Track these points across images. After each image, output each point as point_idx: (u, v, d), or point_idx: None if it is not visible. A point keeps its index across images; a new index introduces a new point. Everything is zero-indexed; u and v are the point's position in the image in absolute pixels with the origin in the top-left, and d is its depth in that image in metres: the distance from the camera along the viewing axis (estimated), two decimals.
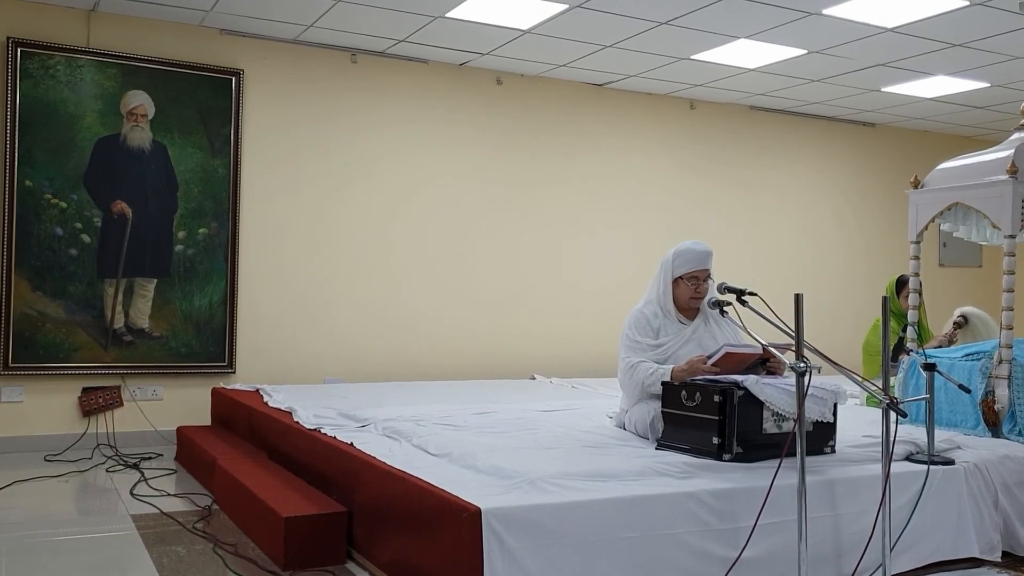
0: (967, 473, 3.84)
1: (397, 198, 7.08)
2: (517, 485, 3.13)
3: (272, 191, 6.65)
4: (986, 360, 4.51)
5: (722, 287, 3.90)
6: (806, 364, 3.01)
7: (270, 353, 6.61)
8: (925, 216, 4.93)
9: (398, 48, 6.83)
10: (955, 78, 7.37)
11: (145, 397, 6.27)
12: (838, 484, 3.51)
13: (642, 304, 4.21)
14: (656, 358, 4.03)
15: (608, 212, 7.90)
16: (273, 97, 6.66)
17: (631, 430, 4.14)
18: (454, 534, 2.92)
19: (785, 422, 3.55)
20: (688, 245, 4.14)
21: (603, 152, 7.90)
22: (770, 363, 3.88)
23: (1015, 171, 4.43)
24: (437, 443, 3.89)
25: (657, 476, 3.34)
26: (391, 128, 7.06)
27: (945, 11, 5.73)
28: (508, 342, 7.44)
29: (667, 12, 5.87)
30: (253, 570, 3.62)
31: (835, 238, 9.06)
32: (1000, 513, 3.90)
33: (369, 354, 6.93)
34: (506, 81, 7.47)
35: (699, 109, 8.32)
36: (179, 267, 6.32)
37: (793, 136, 8.84)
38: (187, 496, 4.83)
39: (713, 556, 3.17)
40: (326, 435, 4.37)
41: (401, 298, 7.07)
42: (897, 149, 9.36)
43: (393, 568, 3.40)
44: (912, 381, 4.76)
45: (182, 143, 6.32)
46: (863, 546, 3.35)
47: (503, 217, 7.47)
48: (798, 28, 6.12)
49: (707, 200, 8.35)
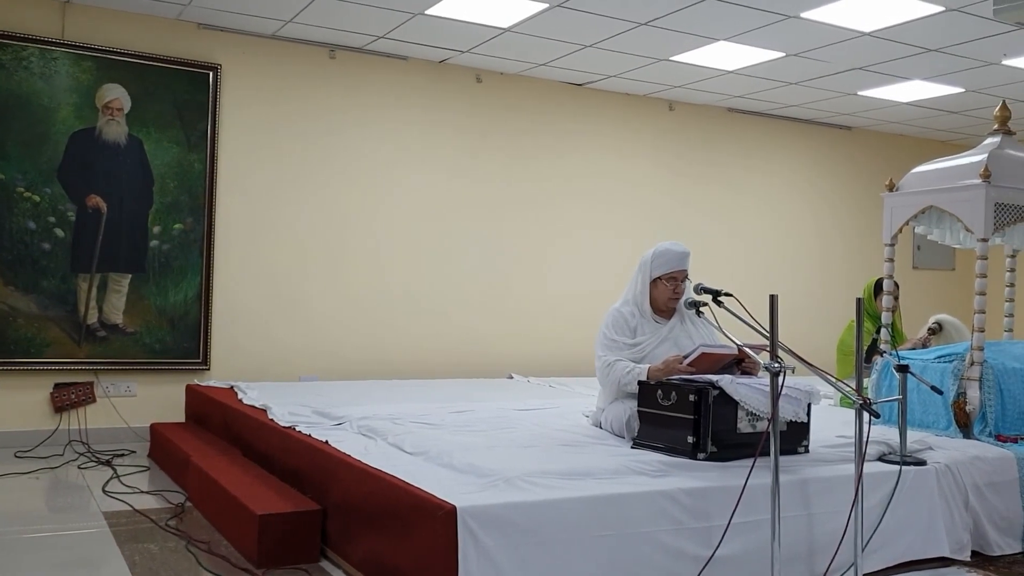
0: (938, 474, 3.88)
1: (375, 196, 7.06)
2: (493, 483, 3.13)
3: (249, 187, 6.61)
4: (958, 362, 4.56)
5: (698, 288, 3.92)
6: (780, 364, 3.03)
7: (245, 350, 6.57)
8: (900, 219, 4.97)
9: (377, 44, 6.81)
10: (930, 83, 7.44)
11: (118, 393, 6.21)
12: (811, 484, 3.53)
13: (619, 303, 4.22)
14: (633, 357, 4.04)
15: (586, 212, 7.91)
16: (251, 92, 6.62)
17: (607, 429, 4.16)
18: (429, 532, 2.92)
19: (759, 422, 3.58)
20: (667, 246, 4.16)
21: (582, 152, 7.91)
22: (745, 363, 3.90)
23: (988, 175, 4.48)
24: (413, 441, 3.88)
25: (632, 475, 3.35)
26: (370, 125, 7.03)
27: (921, 16, 5.78)
28: (486, 341, 7.43)
29: (647, 13, 5.89)
30: (226, 568, 3.59)
31: (811, 240, 9.13)
32: (970, 513, 3.95)
33: (345, 352, 6.91)
34: (486, 79, 7.46)
35: (678, 110, 8.35)
36: (154, 262, 6.26)
37: (771, 138, 8.89)
38: (160, 493, 4.79)
39: (687, 555, 3.19)
40: (301, 433, 4.35)
41: (378, 296, 7.05)
42: (873, 152, 9.45)
43: (367, 566, 3.39)
44: (885, 382, 4.80)
45: (158, 137, 6.26)
46: (835, 545, 3.37)
47: (482, 215, 7.46)
48: (777, 31, 6.16)
49: (685, 201, 8.38)
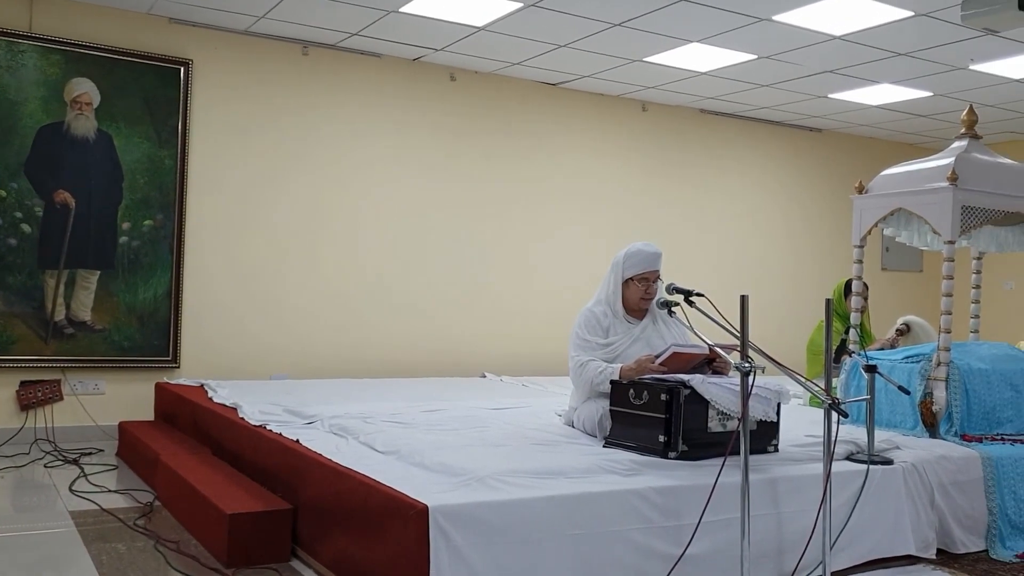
0: (905, 473, 3.93)
1: (348, 193, 7.03)
2: (465, 482, 3.13)
3: (220, 183, 6.55)
4: (925, 362, 4.62)
5: (670, 288, 3.94)
6: (751, 364, 3.06)
7: (215, 348, 6.51)
8: (869, 221, 5.02)
9: (350, 42, 6.78)
10: (899, 87, 7.54)
11: (86, 391, 6.14)
12: (780, 483, 3.57)
13: (592, 303, 4.24)
14: (605, 357, 4.06)
15: (559, 211, 7.93)
16: (222, 88, 6.56)
17: (580, 428, 4.17)
18: (401, 531, 2.91)
19: (730, 421, 3.60)
20: (639, 247, 4.17)
21: (556, 151, 7.92)
22: (716, 363, 3.93)
23: (955, 178, 4.54)
24: (385, 440, 3.87)
25: (604, 473, 3.36)
26: (343, 122, 7.00)
27: (890, 21, 5.85)
28: (459, 340, 7.43)
29: (620, 14, 5.91)
30: (196, 567, 3.56)
31: (782, 240, 9.21)
32: (936, 512, 4.00)
33: (317, 350, 6.87)
34: (460, 78, 7.45)
35: (651, 111, 8.39)
36: (123, 259, 6.19)
37: (742, 140, 8.96)
38: (128, 492, 4.74)
39: (657, 553, 3.20)
40: (272, 432, 4.32)
41: (350, 295, 7.02)
42: (843, 155, 9.55)
43: (338, 566, 3.38)
44: (853, 382, 4.85)
45: (128, 133, 6.20)
46: (804, 544, 3.40)
47: (455, 214, 7.45)
48: (749, 33, 6.20)
49: (658, 201, 8.43)
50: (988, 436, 4.50)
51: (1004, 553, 4.07)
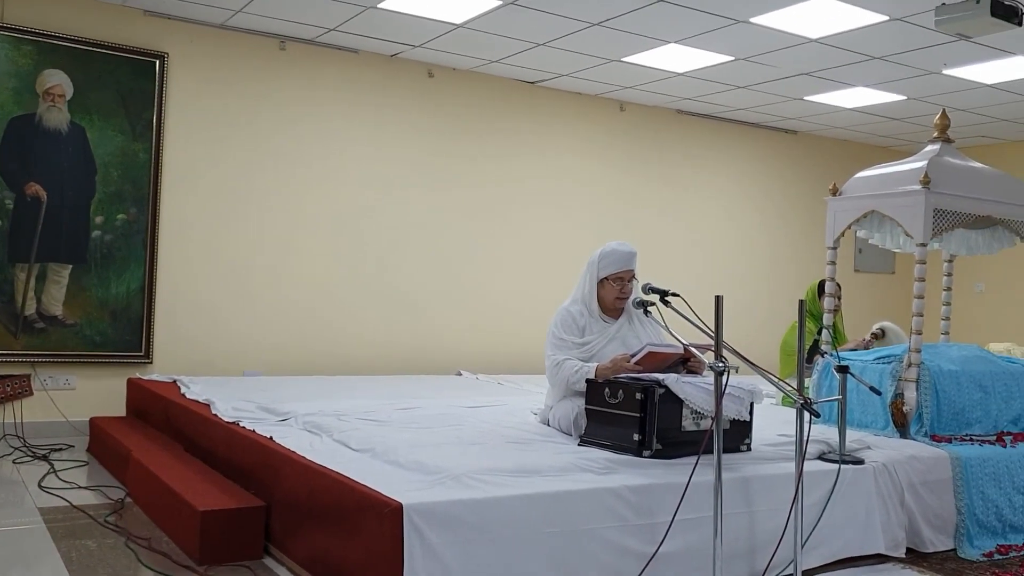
0: (876, 472, 3.97)
1: (324, 189, 6.99)
2: (440, 481, 3.13)
3: (195, 178, 6.50)
4: (896, 364, 4.67)
5: (646, 287, 3.95)
6: (724, 364, 3.08)
7: (189, 344, 6.46)
8: (842, 223, 5.07)
9: (328, 37, 6.74)
10: (874, 90, 7.61)
11: (57, 386, 6.06)
12: (753, 481, 3.59)
13: (568, 303, 4.25)
14: (581, 356, 4.07)
15: (536, 209, 7.93)
16: (198, 82, 6.51)
17: (555, 426, 4.18)
18: (375, 529, 2.91)
19: (703, 420, 3.63)
20: (613, 246, 4.19)
21: (533, 149, 7.93)
22: (691, 362, 3.95)
23: (928, 182, 4.59)
24: (359, 438, 3.86)
25: (579, 472, 3.37)
26: (319, 118, 6.97)
27: (866, 25, 5.91)
28: (434, 337, 7.42)
29: (599, 13, 5.93)
30: (167, 564, 3.54)
31: (757, 241, 9.28)
32: (905, 511, 4.05)
33: (291, 347, 6.84)
34: (438, 74, 7.44)
35: (628, 111, 8.42)
36: (96, 253, 6.13)
37: (719, 141, 9.01)
38: (99, 489, 4.69)
39: (631, 551, 3.22)
40: (245, 428, 4.30)
41: (325, 290, 6.99)
42: (818, 157, 9.63)
43: (312, 563, 3.37)
44: (826, 382, 4.90)
45: (102, 126, 6.13)
46: (776, 542, 3.43)
47: (431, 211, 7.44)
48: (726, 35, 6.24)
49: (635, 201, 8.46)
50: (957, 437, 4.56)
51: (972, 552, 4.12)
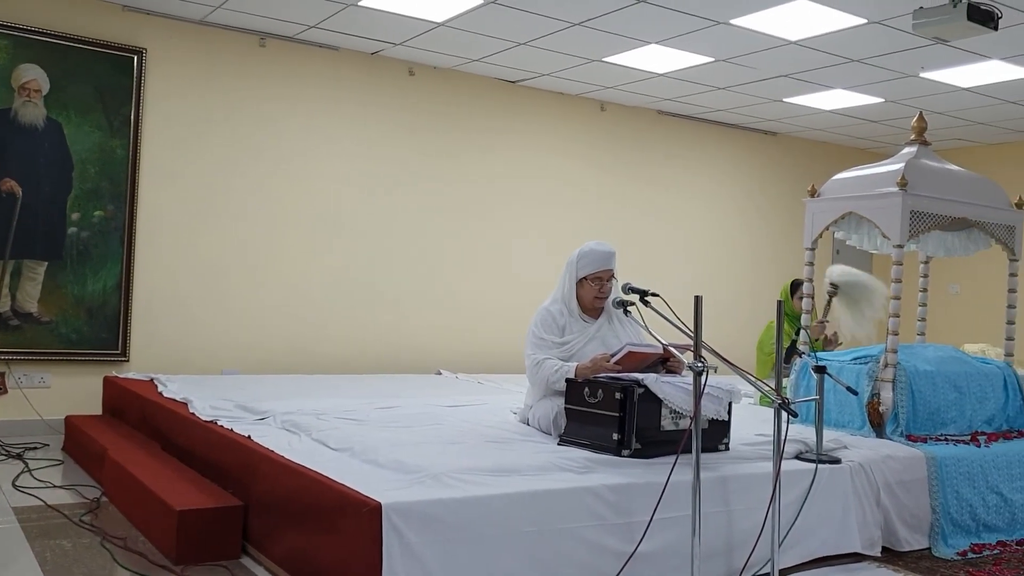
0: (852, 472, 4.00)
1: (304, 187, 6.96)
2: (419, 480, 3.12)
3: (173, 175, 6.45)
4: (873, 364, 4.71)
5: (626, 287, 3.96)
6: (703, 364, 3.09)
7: (166, 342, 6.41)
8: (820, 224, 5.11)
9: (308, 34, 6.71)
10: (852, 92, 7.67)
11: (31, 384, 6.00)
12: (731, 481, 3.61)
13: (548, 302, 4.25)
14: (561, 355, 4.08)
15: (517, 208, 7.94)
16: (177, 78, 6.46)
17: (535, 426, 4.18)
18: (353, 529, 2.90)
19: (682, 419, 3.64)
20: (592, 246, 4.20)
21: (514, 148, 7.93)
22: (670, 362, 3.97)
23: (905, 184, 4.63)
24: (338, 437, 3.84)
25: (558, 471, 3.38)
26: (299, 115, 6.94)
27: (845, 27, 5.95)
28: (414, 336, 7.40)
29: (580, 13, 5.94)
30: (143, 564, 3.51)
31: (737, 242, 9.33)
32: (881, 510, 4.08)
33: (269, 345, 6.80)
34: (419, 73, 7.42)
35: (609, 111, 8.44)
36: (72, 250, 6.07)
37: (699, 142, 9.05)
38: (74, 488, 4.65)
39: (609, 550, 3.22)
40: (223, 427, 4.28)
41: (304, 289, 6.96)
42: (797, 158, 9.69)
43: (290, 563, 3.35)
44: (803, 382, 4.93)
45: (79, 121, 6.07)
46: (753, 541, 3.45)
47: (412, 210, 7.42)
48: (707, 36, 6.27)
49: (615, 200, 8.48)
50: (932, 436, 4.60)
51: (946, 551, 4.16)
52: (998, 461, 4.52)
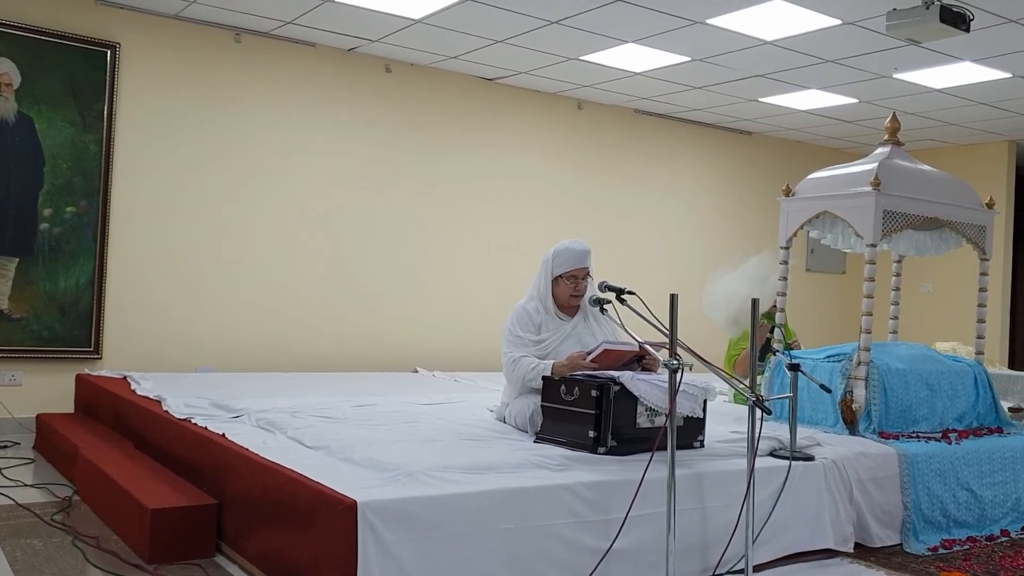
0: (825, 469, 4.04)
1: (280, 184, 6.92)
2: (395, 478, 3.12)
3: (147, 170, 6.39)
4: (846, 362, 4.75)
5: (603, 285, 3.98)
6: (679, 362, 3.11)
7: (140, 339, 6.36)
8: (795, 223, 5.15)
9: (284, 30, 6.67)
10: (827, 92, 7.73)
11: (2, 382, 5.93)
12: (706, 478, 3.63)
13: (525, 300, 4.26)
14: (537, 353, 4.09)
15: (493, 206, 7.93)
16: (152, 73, 6.40)
17: (511, 423, 4.19)
18: (328, 527, 2.89)
19: (657, 417, 3.66)
20: (567, 244, 4.21)
21: (491, 146, 7.93)
22: (646, 360, 3.99)
23: (878, 184, 4.68)
24: (313, 435, 3.83)
25: (534, 468, 3.38)
26: (275, 111, 6.89)
27: (820, 28, 6.00)
28: (390, 334, 7.38)
29: (557, 11, 5.94)
30: (116, 563, 3.48)
31: (713, 240, 9.37)
32: (854, 507, 4.12)
33: (244, 343, 6.76)
34: (396, 70, 7.40)
35: (586, 109, 8.45)
36: (44, 246, 6.00)
37: (675, 141, 9.09)
38: (45, 487, 4.60)
39: (585, 547, 3.24)
40: (197, 425, 4.25)
41: (279, 286, 6.92)
42: (772, 158, 9.76)
43: (264, 562, 3.33)
44: (777, 380, 4.97)
45: (50, 116, 6.00)
46: (728, 538, 3.48)
47: (388, 206, 7.40)
48: (683, 35, 6.29)
49: (591, 199, 8.50)
50: (904, 434, 4.65)
51: (917, 547, 4.21)
52: (968, 458, 4.58)
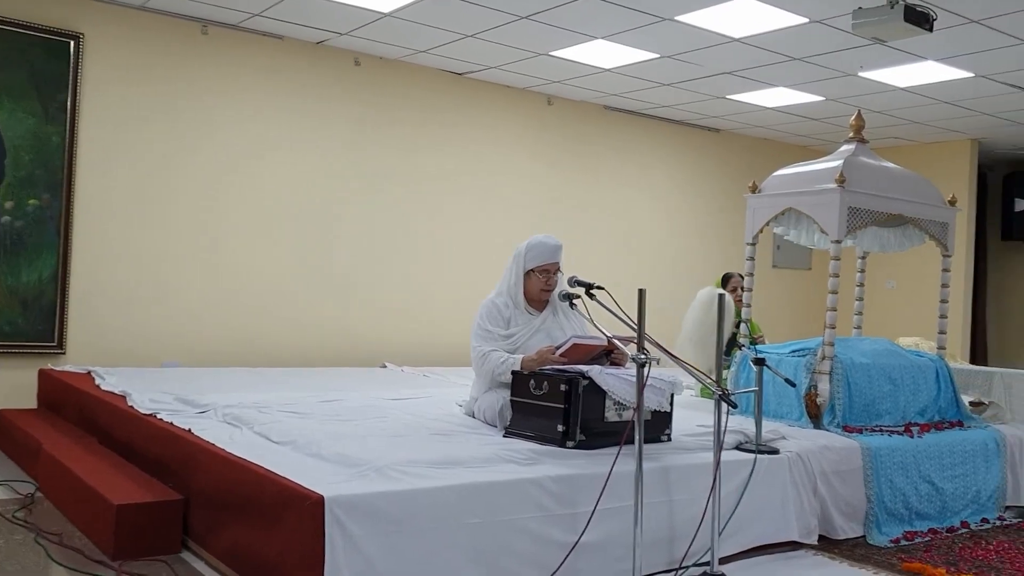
0: (790, 462, 4.09)
1: (247, 177, 6.86)
2: (362, 473, 3.11)
3: (111, 163, 6.31)
4: (810, 356, 4.81)
5: (572, 280, 3.99)
6: (646, 356, 3.13)
7: (104, 334, 6.27)
8: (761, 219, 5.20)
9: (252, 22, 6.61)
10: (793, 90, 7.80)
11: None
12: (673, 471, 3.66)
13: (494, 295, 4.27)
14: (507, 348, 4.10)
15: (463, 201, 7.92)
16: (116, 65, 6.31)
17: (480, 418, 4.19)
18: (296, 522, 2.88)
19: (626, 411, 3.68)
20: (540, 239, 4.22)
21: (461, 141, 7.91)
22: (614, 354, 4.01)
23: (843, 181, 4.74)
24: (280, 430, 3.81)
25: (503, 463, 3.39)
26: (242, 103, 6.83)
27: (787, 26, 6.05)
28: (359, 329, 7.35)
29: (527, 7, 5.94)
30: (79, 560, 3.44)
31: (681, 236, 9.43)
32: (818, 499, 4.18)
33: (210, 337, 6.69)
34: (365, 63, 7.36)
35: (556, 105, 8.47)
36: (5, 240, 5.90)
37: (644, 137, 9.13)
38: (7, 483, 4.54)
39: (553, 541, 3.25)
40: (163, 420, 4.21)
41: (246, 280, 6.86)
42: (740, 155, 9.83)
43: (231, 558, 3.31)
44: (743, 374, 5.02)
45: (11, 107, 5.90)
46: (694, 531, 3.51)
47: (357, 200, 7.36)
48: (652, 32, 6.32)
49: (561, 194, 8.51)
50: (868, 427, 4.72)
51: (880, 538, 4.28)
52: (930, 451, 4.66)
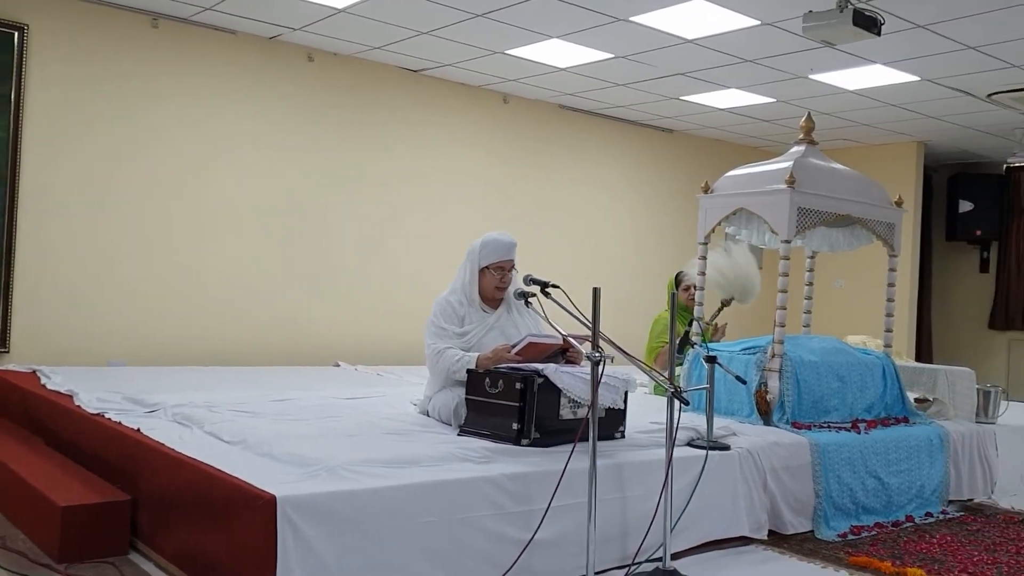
0: (740, 458, 4.14)
1: (198, 173, 6.76)
2: (315, 473, 3.08)
3: (57, 158, 6.17)
4: (761, 354, 4.88)
5: (528, 279, 4.00)
6: (601, 354, 3.15)
7: (49, 332, 6.14)
8: (713, 219, 5.26)
9: (204, 16, 6.51)
10: (745, 92, 7.91)
11: None
12: (626, 468, 3.69)
13: (448, 292, 4.26)
14: (461, 345, 4.09)
15: (417, 199, 7.89)
16: (63, 57, 6.17)
17: (435, 417, 4.18)
18: (247, 523, 2.85)
19: (580, 408, 3.70)
20: (494, 236, 4.22)
21: (415, 138, 7.88)
22: (569, 353, 4.03)
23: (793, 182, 4.81)
24: (231, 430, 3.76)
25: (457, 461, 3.39)
26: (193, 99, 6.72)
27: (739, 28, 6.13)
28: (311, 327, 7.28)
29: (483, 5, 5.94)
30: (22, 563, 3.36)
31: (635, 236, 9.51)
32: (768, 495, 4.24)
33: (159, 336, 6.58)
34: (318, 59, 7.30)
35: (512, 104, 8.47)
36: None
37: (599, 137, 9.18)
38: None
39: (508, 538, 3.26)
40: (111, 420, 4.13)
41: (195, 277, 6.76)
42: (692, 155, 9.94)
43: (181, 559, 3.27)
44: (695, 372, 5.07)
45: None
46: (647, 527, 3.54)
47: (310, 197, 7.30)
48: (607, 32, 6.36)
49: (516, 192, 8.53)
50: (816, 424, 4.80)
51: (828, 533, 4.35)
52: (876, 447, 4.75)
